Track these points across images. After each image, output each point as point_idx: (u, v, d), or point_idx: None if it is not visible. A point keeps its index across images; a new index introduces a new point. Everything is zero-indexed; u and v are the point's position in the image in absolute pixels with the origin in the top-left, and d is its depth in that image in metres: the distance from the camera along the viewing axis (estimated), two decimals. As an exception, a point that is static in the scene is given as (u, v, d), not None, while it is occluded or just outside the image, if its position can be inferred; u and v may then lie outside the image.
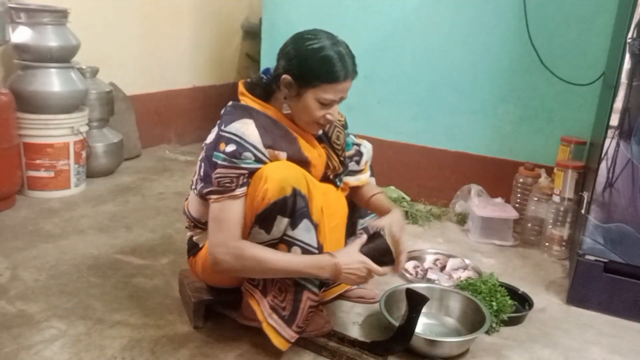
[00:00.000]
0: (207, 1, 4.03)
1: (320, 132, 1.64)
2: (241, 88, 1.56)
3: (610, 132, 1.89)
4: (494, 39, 2.81)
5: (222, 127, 1.46)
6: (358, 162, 1.77)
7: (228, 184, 1.42)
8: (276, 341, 1.50)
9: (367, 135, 2.71)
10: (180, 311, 1.77)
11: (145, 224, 2.46)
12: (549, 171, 2.58)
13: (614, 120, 1.89)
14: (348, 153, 1.74)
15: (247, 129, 1.43)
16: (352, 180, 1.75)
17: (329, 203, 1.59)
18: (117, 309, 1.75)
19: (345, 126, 1.75)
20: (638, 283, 1.94)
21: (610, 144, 1.90)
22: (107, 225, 2.42)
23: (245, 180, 1.43)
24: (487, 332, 1.75)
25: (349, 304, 1.90)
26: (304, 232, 1.45)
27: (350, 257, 1.48)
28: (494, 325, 1.78)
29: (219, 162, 1.42)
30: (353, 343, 1.61)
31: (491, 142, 2.91)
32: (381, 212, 1.68)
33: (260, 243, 1.46)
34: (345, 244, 1.69)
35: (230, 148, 1.41)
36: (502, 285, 1.91)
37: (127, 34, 3.46)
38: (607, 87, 2.27)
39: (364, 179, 1.78)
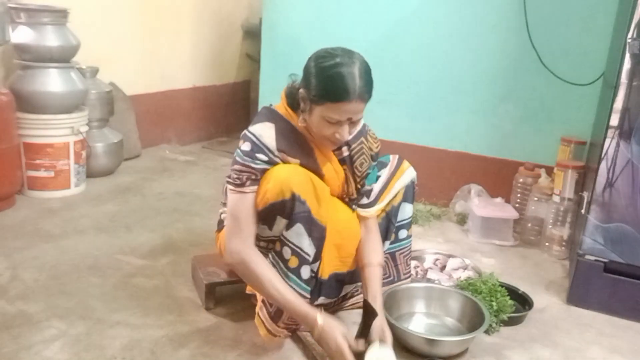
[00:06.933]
0: (207, 1, 4.03)
1: (346, 153, 1.65)
2: (282, 92, 1.60)
3: (610, 132, 1.89)
4: (494, 39, 2.81)
5: (248, 127, 1.54)
6: (368, 197, 1.72)
7: (240, 179, 1.49)
8: (262, 333, 1.59)
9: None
10: (180, 311, 1.77)
11: (145, 224, 2.46)
12: (549, 171, 2.58)
13: (614, 120, 1.89)
14: (366, 187, 1.72)
15: (265, 132, 1.51)
16: (360, 211, 1.71)
17: (337, 220, 1.60)
18: (117, 309, 1.75)
19: (374, 157, 1.72)
20: (638, 283, 1.94)
21: (610, 144, 1.90)
22: (107, 225, 2.42)
23: (255, 178, 1.49)
24: (487, 332, 1.75)
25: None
26: (294, 235, 1.50)
27: (335, 333, 1.44)
28: (494, 325, 1.78)
29: (237, 158, 1.51)
30: None
31: (491, 142, 2.91)
32: (366, 293, 1.59)
33: (264, 237, 1.54)
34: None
35: (247, 147, 1.50)
36: (502, 285, 1.91)
37: (127, 34, 3.46)
38: (607, 87, 2.27)
39: (373, 212, 1.73)
